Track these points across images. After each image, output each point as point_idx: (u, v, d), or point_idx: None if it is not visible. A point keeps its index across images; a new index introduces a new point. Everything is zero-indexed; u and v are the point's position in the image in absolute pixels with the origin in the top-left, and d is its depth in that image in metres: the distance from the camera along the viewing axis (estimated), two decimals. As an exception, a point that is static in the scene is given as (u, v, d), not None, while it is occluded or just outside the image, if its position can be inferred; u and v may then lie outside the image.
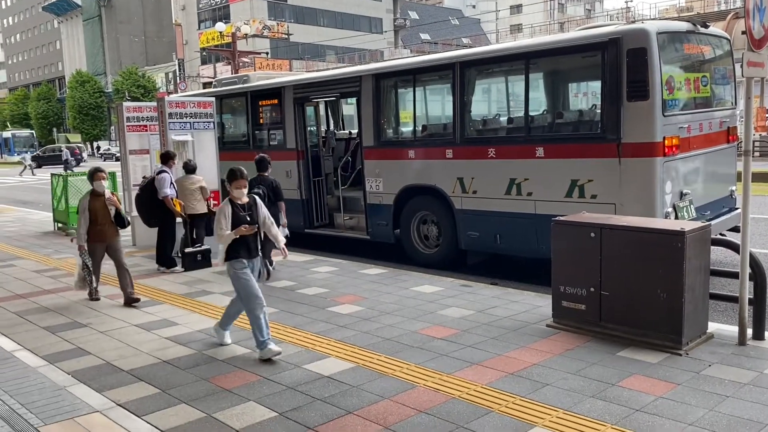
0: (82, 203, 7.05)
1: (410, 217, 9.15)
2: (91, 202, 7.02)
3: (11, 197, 22.69)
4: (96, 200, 7.04)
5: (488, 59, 8.26)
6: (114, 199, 7.13)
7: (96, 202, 7.03)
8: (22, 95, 79.65)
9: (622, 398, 4.15)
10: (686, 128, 7.08)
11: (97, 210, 7.01)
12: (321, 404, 4.23)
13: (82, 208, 7.00)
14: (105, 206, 7.04)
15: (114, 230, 7.17)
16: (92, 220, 6.98)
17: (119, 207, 7.21)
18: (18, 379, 4.85)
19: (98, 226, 7.02)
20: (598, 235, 5.39)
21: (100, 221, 7.02)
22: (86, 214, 6.96)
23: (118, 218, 7.19)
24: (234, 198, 5.25)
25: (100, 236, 7.05)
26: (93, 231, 7.00)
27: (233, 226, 5.12)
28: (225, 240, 5.16)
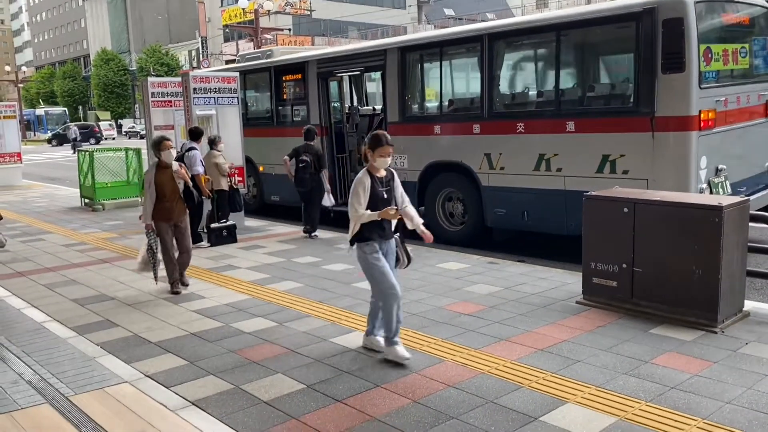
0: (148, 176, 6.37)
1: (435, 194, 9.04)
2: (158, 175, 6.30)
3: (39, 174, 23.00)
4: (163, 173, 6.31)
5: (518, 31, 8.07)
6: (182, 171, 6.46)
7: (163, 175, 6.30)
8: (48, 73, 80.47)
9: (656, 375, 4.06)
10: (723, 101, 6.86)
11: (164, 184, 6.27)
12: (349, 377, 4.20)
13: (148, 182, 6.30)
14: (173, 180, 6.34)
15: (182, 208, 6.48)
16: (158, 195, 6.25)
17: (188, 180, 6.55)
18: (49, 350, 4.90)
19: (165, 202, 6.28)
20: (632, 211, 5.25)
21: (168, 197, 6.30)
22: (152, 189, 6.23)
23: (188, 193, 6.54)
24: (373, 169, 4.46)
25: (166, 214, 6.33)
26: (159, 208, 6.27)
27: (370, 202, 4.39)
28: (361, 220, 4.37)
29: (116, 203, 12.92)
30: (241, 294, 6.34)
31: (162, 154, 6.31)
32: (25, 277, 7.30)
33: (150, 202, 6.24)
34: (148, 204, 6.26)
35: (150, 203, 6.25)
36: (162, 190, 6.28)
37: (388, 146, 4.41)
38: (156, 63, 59.43)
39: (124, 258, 8.16)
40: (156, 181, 6.26)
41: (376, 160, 4.42)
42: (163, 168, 6.35)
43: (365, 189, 4.38)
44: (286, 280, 6.83)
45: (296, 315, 5.58)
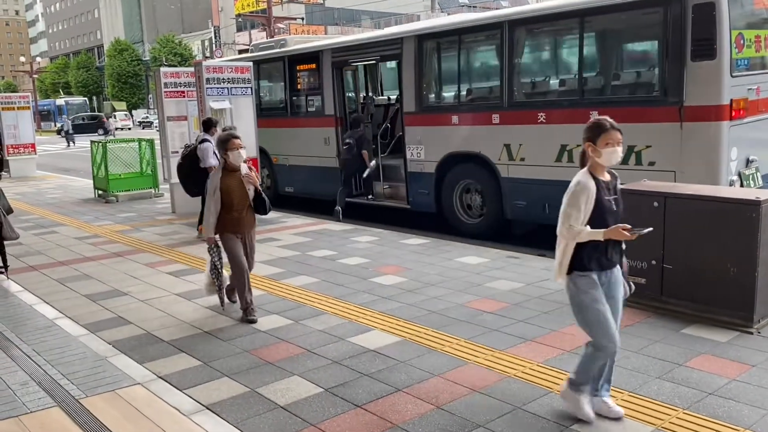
0: (213, 181, 5.24)
1: (453, 185, 8.84)
2: (224, 179, 5.21)
3: (53, 165, 23.03)
4: (230, 177, 5.23)
5: (540, 18, 7.80)
6: (253, 175, 5.30)
7: (230, 180, 5.22)
8: (62, 64, 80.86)
9: (691, 380, 3.86)
10: (755, 90, 6.59)
11: (232, 190, 5.21)
12: (368, 380, 4.03)
13: (212, 187, 5.21)
14: (242, 185, 5.24)
15: (252, 218, 5.42)
16: (225, 203, 5.21)
17: (259, 186, 5.35)
18: (60, 348, 4.78)
19: (233, 212, 5.25)
20: (662, 205, 5.02)
21: (236, 206, 5.24)
22: (218, 196, 5.19)
23: (258, 201, 5.36)
24: (598, 169, 3.35)
25: (234, 226, 5.29)
26: (225, 219, 5.26)
27: (594, 216, 3.30)
28: (579, 239, 3.33)
29: (129, 195, 12.83)
30: (256, 289, 6.13)
31: (229, 155, 5.20)
32: (37, 272, 7.21)
33: (214, 212, 5.22)
34: (212, 214, 5.24)
35: (214, 213, 5.22)
36: (229, 198, 5.20)
37: (615, 131, 3.28)
38: (169, 53, 59.45)
39: (137, 251, 8.04)
40: (222, 187, 5.19)
41: (602, 153, 3.27)
42: (231, 171, 5.25)
43: (589, 198, 3.27)
44: (302, 274, 6.67)
45: (312, 312, 5.43)
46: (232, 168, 5.25)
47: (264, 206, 5.36)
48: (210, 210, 5.25)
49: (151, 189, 13.13)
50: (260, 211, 5.38)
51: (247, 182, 5.26)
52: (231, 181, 5.23)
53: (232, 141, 5.22)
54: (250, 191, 5.30)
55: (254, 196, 5.32)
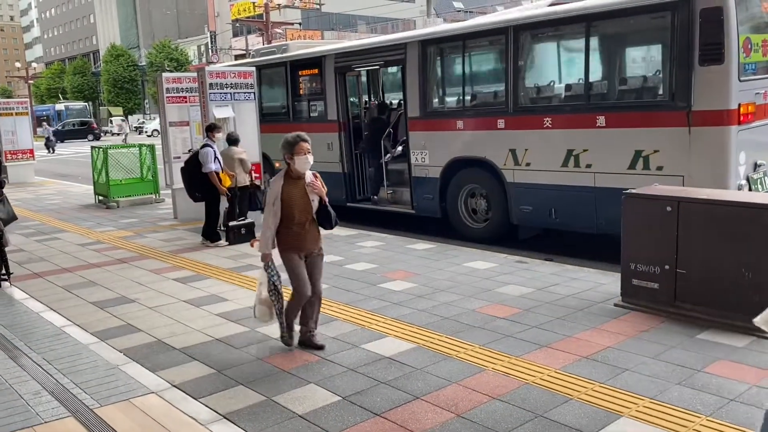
0: (273, 190, 4.56)
1: (458, 190, 8.82)
2: (286, 188, 4.53)
3: (51, 170, 22.92)
4: (293, 186, 4.54)
5: (545, 22, 7.79)
6: (319, 184, 4.57)
7: (293, 189, 4.53)
8: (58, 70, 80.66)
9: (711, 386, 3.83)
10: (762, 94, 6.59)
11: (294, 200, 4.52)
12: (386, 388, 3.99)
13: (272, 197, 4.55)
14: (305, 195, 4.56)
15: (315, 234, 4.70)
16: (285, 216, 4.53)
17: (325, 197, 4.64)
18: (70, 357, 4.72)
19: (293, 225, 4.56)
20: (675, 209, 5.01)
21: (298, 218, 4.55)
22: (277, 207, 4.52)
23: (323, 214, 4.65)
24: None
25: (296, 241, 4.60)
26: (286, 234, 4.58)
27: None
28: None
29: (131, 200, 12.77)
30: (264, 296, 6.13)
31: (296, 160, 4.48)
32: (42, 279, 7.15)
33: (272, 225, 4.55)
34: (270, 227, 4.56)
35: (272, 226, 4.55)
36: (290, 210, 4.53)
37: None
38: (165, 58, 59.36)
39: (142, 258, 7.99)
40: (283, 196, 4.52)
41: None
42: (294, 179, 4.55)
43: None
44: (309, 281, 6.62)
45: (323, 319, 5.35)
46: (296, 175, 4.55)
47: (329, 220, 4.63)
48: (267, 222, 4.55)
49: (152, 194, 13.07)
50: (325, 225, 4.66)
51: (311, 192, 4.54)
52: (293, 190, 4.53)
53: (299, 145, 4.47)
54: (314, 202, 4.59)
55: (318, 208, 4.61)
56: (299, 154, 4.49)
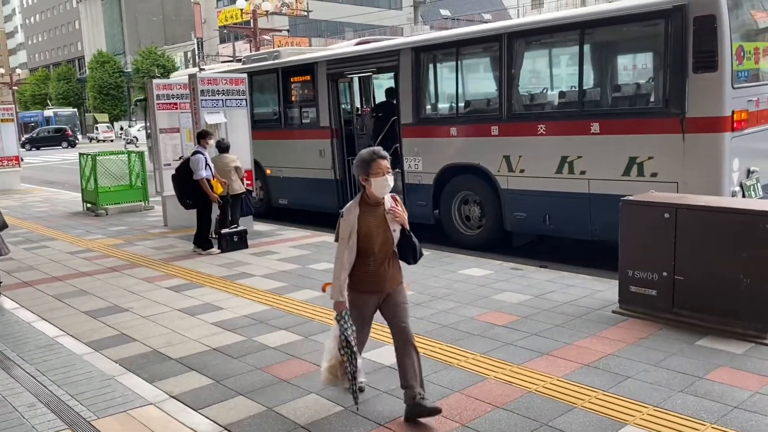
0: (347, 221, 3.65)
1: (451, 197, 8.81)
2: (363, 217, 3.66)
3: (37, 177, 22.67)
4: (371, 214, 3.67)
5: (539, 30, 7.82)
6: (400, 210, 3.72)
7: (370, 218, 3.67)
8: (42, 76, 79.96)
9: (714, 393, 3.83)
10: (755, 101, 6.65)
11: (372, 232, 3.66)
12: (387, 397, 3.96)
13: (347, 230, 3.65)
14: (386, 225, 3.69)
15: (397, 271, 3.82)
16: (361, 250, 3.68)
17: (406, 224, 3.76)
18: (64, 367, 4.64)
19: (369, 263, 3.70)
20: (673, 216, 5.03)
21: (377, 253, 3.69)
22: (353, 241, 3.65)
23: (406, 245, 3.77)
24: None
25: (374, 282, 3.74)
26: (361, 273, 3.72)
27: None
28: None
29: (119, 208, 12.63)
30: (260, 304, 6.09)
31: (372, 182, 3.60)
32: (32, 288, 7.04)
33: (348, 264, 3.67)
34: (344, 267, 3.67)
35: (348, 267, 3.67)
36: (368, 244, 3.66)
37: None
38: (152, 64, 59.03)
39: (133, 266, 7.89)
40: (360, 228, 3.65)
41: None
42: (372, 206, 3.68)
43: None
44: (305, 288, 6.58)
45: (321, 327, 5.34)
46: (373, 201, 3.66)
47: (414, 252, 3.77)
48: (341, 262, 3.65)
49: (142, 202, 12.95)
50: (408, 259, 3.81)
51: (392, 220, 3.69)
52: (371, 220, 3.65)
53: (377, 163, 3.58)
54: (396, 233, 3.71)
55: (400, 239, 3.75)
56: (377, 175, 3.58)
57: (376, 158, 3.63)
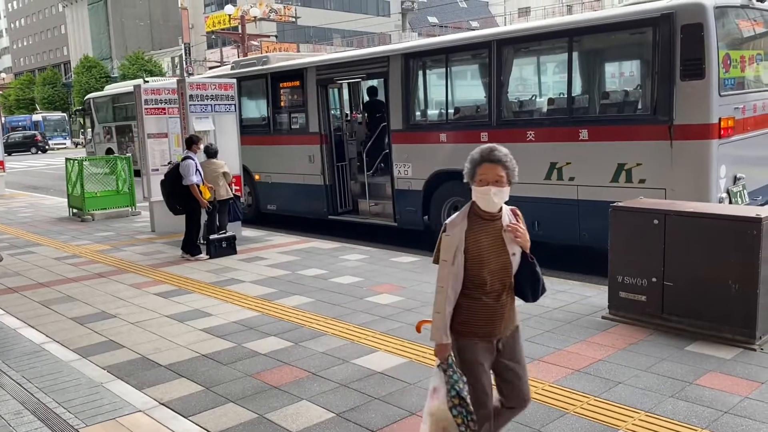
0: (452, 237, 2.81)
1: (441, 202, 8.82)
2: (472, 234, 2.81)
3: (21, 182, 22.44)
4: (483, 231, 2.83)
5: (528, 37, 7.88)
6: (523, 227, 2.89)
7: (483, 236, 2.83)
8: (27, 80, 79.22)
9: (705, 398, 3.85)
10: (741, 109, 6.73)
11: (483, 254, 2.82)
12: (380, 404, 3.94)
13: (450, 249, 2.80)
14: (502, 246, 2.84)
15: (512, 308, 2.95)
16: (470, 279, 2.83)
17: (527, 245, 2.87)
18: (51, 374, 4.58)
19: (481, 294, 2.84)
20: (662, 222, 5.06)
21: (490, 283, 2.84)
22: (460, 266, 2.81)
23: (526, 275, 2.89)
24: None
25: (485, 321, 2.87)
26: (470, 308, 2.86)
27: None
28: None
29: (106, 213, 12.53)
30: (249, 310, 6.05)
31: (474, 191, 2.85)
32: (17, 294, 6.95)
33: (453, 296, 2.82)
34: (448, 300, 2.81)
35: (453, 298, 2.82)
36: (478, 270, 2.80)
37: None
38: (139, 69, 58.70)
39: (120, 272, 7.82)
40: (469, 248, 2.80)
41: None
42: (485, 221, 2.84)
43: None
44: (294, 294, 6.55)
45: (311, 333, 5.31)
46: (487, 215, 2.84)
47: (535, 285, 2.89)
48: (444, 290, 2.80)
49: (128, 207, 12.85)
50: (526, 293, 2.91)
51: (512, 241, 2.83)
52: (483, 239, 2.81)
53: (483, 167, 2.82)
54: (515, 257, 2.84)
55: (521, 265, 2.86)
56: (480, 183, 2.80)
57: (483, 161, 2.82)
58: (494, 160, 2.83)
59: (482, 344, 2.88)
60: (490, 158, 2.83)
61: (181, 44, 53.80)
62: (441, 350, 2.85)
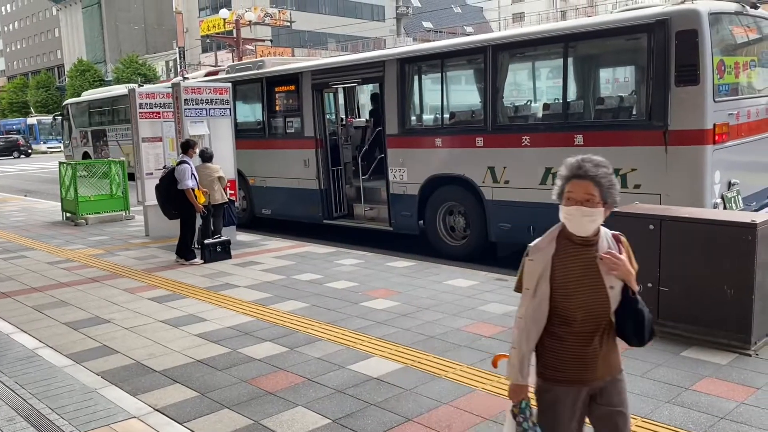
0: (536, 261, 2.42)
1: (436, 207, 8.82)
2: (560, 260, 2.40)
3: (14, 186, 22.32)
4: (574, 257, 2.40)
5: (523, 42, 7.90)
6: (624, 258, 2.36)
7: (573, 264, 2.39)
8: (20, 83, 78.94)
9: (701, 404, 3.85)
10: (735, 115, 6.75)
11: (571, 285, 2.38)
12: (376, 410, 3.92)
13: (533, 277, 2.41)
14: (596, 277, 2.37)
15: (614, 352, 2.53)
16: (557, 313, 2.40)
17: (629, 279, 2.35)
18: (45, 380, 4.54)
19: (566, 334, 2.41)
20: (658, 228, 5.07)
21: (581, 320, 2.38)
22: (543, 297, 2.39)
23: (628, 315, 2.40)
24: None
25: (574, 365, 2.42)
26: (555, 348, 2.44)
27: None
28: None
29: (100, 217, 12.46)
30: (244, 315, 6.02)
31: (561, 209, 2.42)
32: (10, 298, 6.90)
33: (535, 332, 2.43)
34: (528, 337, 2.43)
35: (534, 334, 2.43)
36: (567, 302, 2.38)
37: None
38: (133, 73, 58.57)
39: (114, 276, 7.78)
40: (554, 274, 2.39)
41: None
42: (578, 245, 2.41)
43: None
44: (289, 299, 6.53)
45: (307, 339, 5.29)
46: (580, 239, 2.39)
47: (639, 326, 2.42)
48: (524, 324, 2.42)
49: (122, 211, 12.79)
50: (629, 335, 2.45)
51: (609, 272, 2.35)
52: (573, 266, 2.39)
53: (571, 183, 2.36)
54: (614, 291, 2.37)
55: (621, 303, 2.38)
56: (568, 201, 2.36)
57: (572, 177, 2.36)
58: (583, 175, 2.34)
59: (570, 392, 2.40)
60: (578, 174, 2.35)
61: (175, 48, 53.76)
62: (514, 391, 2.48)
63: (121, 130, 21.76)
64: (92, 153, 23.21)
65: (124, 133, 21.27)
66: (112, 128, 22.65)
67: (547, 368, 2.46)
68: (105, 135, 22.74)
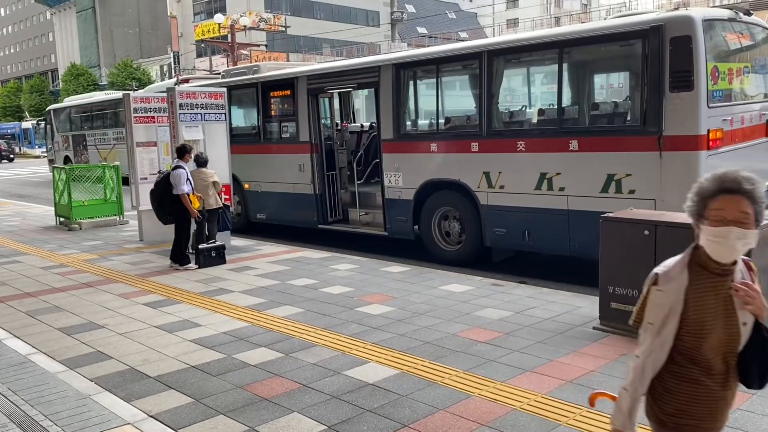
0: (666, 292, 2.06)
1: (431, 212, 8.82)
2: (694, 292, 2.03)
3: (7, 191, 22.22)
4: (709, 288, 2.04)
5: (519, 48, 7.93)
6: (755, 290, 1.99)
7: (707, 296, 2.03)
8: (14, 88, 78.67)
9: (696, 409, 3.85)
10: (729, 120, 6.79)
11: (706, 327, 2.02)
12: (372, 416, 3.90)
13: (663, 305, 2.05)
14: (730, 310, 2.02)
15: (735, 389, 2.13)
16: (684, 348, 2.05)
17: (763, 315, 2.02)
18: (38, 386, 4.51)
19: (692, 373, 2.05)
20: (653, 233, 5.08)
21: (712, 357, 2.04)
22: (669, 333, 2.04)
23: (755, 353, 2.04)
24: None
25: (700, 407, 2.07)
26: (681, 388, 2.07)
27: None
28: None
29: (94, 222, 12.41)
30: (239, 321, 6.00)
31: (704, 232, 2.04)
32: (3, 304, 6.85)
33: (651, 368, 2.09)
34: (646, 372, 2.09)
35: (651, 371, 2.09)
36: (699, 339, 2.03)
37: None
38: (127, 77, 58.49)
39: (108, 281, 7.74)
40: (688, 310, 2.03)
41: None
42: (713, 275, 2.06)
43: None
44: (284, 304, 6.51)
45: (302, 344, 5.27)
46: (719, 268, 2.06)
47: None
48: (644, 363, 2.09)
49: (116, 216, 12.75)
50: (752, 377, 2.08)
51: (742, 306, 2.02)
52: (708, 300, 2.04)
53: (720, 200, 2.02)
54: (746, 327, 2.04)
55: (750, 339, 2.05)
56: (715, 222, 2.01)
57: (721, 191, 2.01)
58: (738, 190, 1.97)
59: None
60: (730, 187, 1.98)
61: (170, 52, 53.77)
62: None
63: (99, 135, 22.84)
64: (72, 157, 23.90)
65: (102, 137, 22.54)
66: (91, 133, 23.46)
67: (679, 417, 2.07)
68: (84, 139, 23.50)
